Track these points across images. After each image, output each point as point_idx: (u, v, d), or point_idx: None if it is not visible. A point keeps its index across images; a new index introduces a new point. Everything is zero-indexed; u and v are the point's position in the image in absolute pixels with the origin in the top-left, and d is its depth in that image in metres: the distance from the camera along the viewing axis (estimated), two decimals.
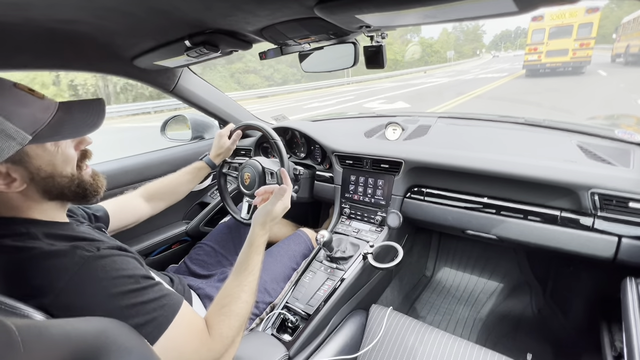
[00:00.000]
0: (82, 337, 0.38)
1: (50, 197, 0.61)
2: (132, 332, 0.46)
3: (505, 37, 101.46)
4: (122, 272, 0.58)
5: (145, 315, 0.56)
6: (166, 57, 0.99)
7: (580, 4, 4.73)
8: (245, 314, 0.71)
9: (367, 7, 0.56)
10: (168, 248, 1.48)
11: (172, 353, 0.58)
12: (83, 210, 0.84)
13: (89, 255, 0.56)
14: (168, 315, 0.58)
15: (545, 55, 11.72)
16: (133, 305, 0.56)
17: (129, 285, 0.57)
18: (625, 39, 13.27)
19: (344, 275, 1.03)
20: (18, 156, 0.53)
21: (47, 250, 0.54)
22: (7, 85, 0.54)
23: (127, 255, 0.61)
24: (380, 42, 0.81)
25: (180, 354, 0.59)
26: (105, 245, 0.60)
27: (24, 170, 0.56)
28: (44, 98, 0.59)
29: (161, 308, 0.58)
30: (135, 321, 0.55)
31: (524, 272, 1.51)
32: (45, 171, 0.58)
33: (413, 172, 1.15)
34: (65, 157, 0.60)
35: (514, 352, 0.97)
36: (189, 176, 1.19)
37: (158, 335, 0.56)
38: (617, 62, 14.63)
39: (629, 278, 0.79)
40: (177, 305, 0.61)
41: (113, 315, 0.52)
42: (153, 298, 0.59)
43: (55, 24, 0.72)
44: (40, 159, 0.57)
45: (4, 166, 0.53)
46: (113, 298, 0.55)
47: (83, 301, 0.53)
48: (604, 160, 0.93)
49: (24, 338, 0.29)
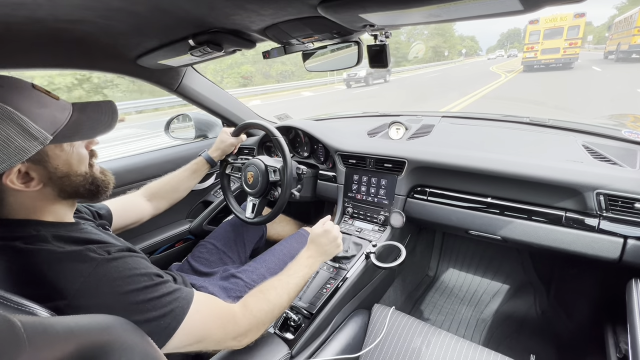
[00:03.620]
0: (87, 333, 0.38)
1: (64, 196, 0.62)
2: (136, 329, 0.46)
3: (513, 35, 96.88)
4: (135, 271, 0.59)
5: (163, 308, 0.58)
6: (170, 57, 0.99)
7: (568, 9, 5.08)
8: (276, 303, 0.76)
9: (371, 6, 0.56)
10: (171, 246, 1.49)
11: (199, 332, 0.61)
12: (87, 208, 0.85)
13: (101, 258, 0.56)
14: (184, 306, 0.61)
15: (540, 53, 14.15)
16: (149, 300, 0.57)
17: (142, 283, 0.58)
18: (617, 37, 15.17)
19: (347, 275, 1.03)
20: (38, 156, 0.55)
21: (59, 253, 0.55)
22: (27, 86, 0.56)
23: (137, 256, 0.63)
24: (384, 41, 0.81)
25: (206, 333, 0.63)
26: (116, 248, 0.61)
27: (43, 170, 0.57)
28: (59, 99, 0.61)
29: (176, 300, 0.60)
30: (153, 314, 0.56)
31: (528, 273, 1.50)
32: (62, 171, 0.59)
33: (416, 171, 1.14)
34: (80, 156, 0.63)
35: (518, 353, 0.97)
36: (188, 172, 1.20)
37: (177, 325, 0.58)
38: (609, 59, 16.44)
39: (634, 279, 0.78)
40: (191, 295, 0.64)
41: (130, 311, 0.54)
42: (167, 292, 0.60)
43: (60, 24, 0.72)
44: (58, 158, 0.58)
45: (24, 166, 0.55)
46: (128, 295, 0.56)
47: (99, 300, 0.54)
48: (610, 160, 0.92)
49: (29, 334, 0.30)
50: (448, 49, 51.65)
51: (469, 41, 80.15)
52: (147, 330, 0.52)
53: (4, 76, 0.55)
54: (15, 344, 0.28)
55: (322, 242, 0.93)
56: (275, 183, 1.23)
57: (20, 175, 0.55)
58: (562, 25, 13.42)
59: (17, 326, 0.29)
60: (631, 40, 13.37)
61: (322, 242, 0.93)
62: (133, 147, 6.11)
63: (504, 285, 1.55)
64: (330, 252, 0.95)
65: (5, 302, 0.43)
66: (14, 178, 0.54)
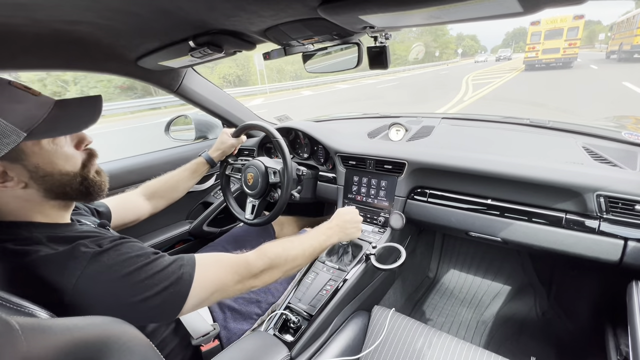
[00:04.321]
0: (85, 335, 0.38)
1: (52, 196, 0.60)
2: (135, 330, 0.46)
3: (519, 35, 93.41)
4: (130, 254, 0.58)
5: (169, 279, 0.58)
6: (170, 58, 1.00)
7: (568, 11, 5.07)
8: (290, 252, 0.80)
9: (371, 7, 0.56)
10: (171, 247, 1.49)
11: (213, 285, 0.64)
12: (86, 206, 0.85)
13: (93, 252, 0.56)
14: (189, 270, 0.62)
15: (542, 53, 15.04)
16: (152, 276, 0.57)
17: (139, 262, 0.58)
18: (619, 37, 15.78)
19: (347, 276, 1.03)
20: (14, 154, 0.52)
21: (53, 254, 0.54)
22: (2, 83, 0.54)
23: (130, 241, 0.62)
24: (384, 42, 0.81)
25: (221, 282, 0.65)
26: (108, 239, 0.60)
27: (22, 168, 0.55)
28: (40, 95, 0.58)
29: (180, 268, 0.61)
30: (161, 286, 0.57)
31: (528, 275, 1.49)
32: (43, 169, 0.57)
33: (416, 173, 1.14)
34: (65, 155, 0.60)
35: (518, 355, 0.97)
36: (188, 172, 1.20)
37: (188, 288, 0.60)
38: (611, 59, 17.03)
39: (634, 281, 0.78)
40: (193, 259, 0.64)
41: (135, 291, 0.54)
42: (168, 263, 0.61)
43: (61, 25, 0.72)
44: (37, 156, 0.56)
45: (0, 164, 0.53)
46: (128, 277, 0.56)
47: (100, 290, 0.54)
48: (610, 162, 0.92)
49: (27, 336, 0.30)
50: (439, 48, 48.92)
51: (469, 40, 78.00)
52: (160, 302, 0.53)
53: None
54: (12, 346, 0.28)
55: (346, 219, 0.99)
56: (275, 185, 1.23)
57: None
58: (562, 26, 14.27)
59: (14, 328, 0.29)
60: (633, 40, 13.92)
61: (347, 220, 0.99)
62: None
63: (504, 287, 1.54)
64: (350, 233, 1.00)
65: (5, 303, 0.43)
66: None
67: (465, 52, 60.98)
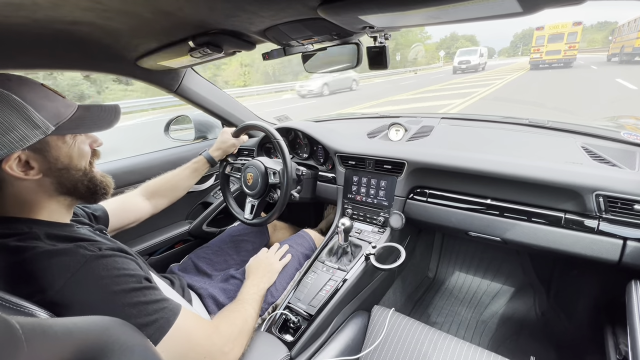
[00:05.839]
0: (85, 335, 0.38)
1: (62, 191, 0.63)
2: (135, 330, 0.46)
3: (527, 36, 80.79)
4: (124, 271, 0.58)
5: (148, 317, 0.57)
6: (170, 58, 1.00)
7: (569, 18, 5.31)
8: (244, 316, 0.82)
9: (371, 8, 0.56)
10: (171, 247, 1.49)
11: (179, 348, 0.61)
12: (82, 210, 0.85)
13: (91, 255, 0.56)
14: (170, 318, 0.60)
15: (545, 54, 17.41)
16: (135, 304, 0.56)
17: (130, 284, 0.58)
18: (621, 40, 17.30)
19: (346, 276, 1.03)
20: (40, 145, 0.57)
21: (49, 250, 0.55)
22: (35, 83, 0.60)
23: (128, 257, 0.63)
24: (384, 42, 0.81)
25: (186, 349, 0.62)
26: (107, 246, 0.61)
27: (43, 159, 0.58)
28: (65, 98, 0.64)
29: (162, 310, 0.60)
30: (138, 321, 0.55)
31: (528, 274, 1.50)
32: (62, 162, 0.61)
33: (416, 173, 1.14)
34: (81, 151, 0.64)
35: (517, 354, 0.97)
36: (188, 171, 1.20)
37: (160, 337, 0.57)
38: (612, 61, 18.39)
39: (634, 281, 0.78)
40: (177, 308, 0.63)
41: (115, 312, 0.53)
42: (154, 300, 0.60)
43: (60, 25, 0.72)
44: (59, 150, 0.60)
45: (24, 154, 0.56)
46: (115, 295, 0.55)
47: (85, 298, 0.54)
48: (609, 162, 0.92)
49: (28, 336, 0.30)
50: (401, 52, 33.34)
51: (464, 41, 66.87)
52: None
53: (15, 74, 0.58)
54: (13, 346, 0.28)
55: (258, 273, 1.03)
56: (274, 185, 1.23)
57: (20, 163, 0.56)
58: (563, 31, 16.60)
59: (15, 328, 0.29)
60: (635, 43, 15.07)
61: (259, 273, 1.03)
62: None
63: (503, 286, 1.55)
64: (269, 277, 1.03)
65: (4, 303, 0.43)
66: (13, 164, 0.55)
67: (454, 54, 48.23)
